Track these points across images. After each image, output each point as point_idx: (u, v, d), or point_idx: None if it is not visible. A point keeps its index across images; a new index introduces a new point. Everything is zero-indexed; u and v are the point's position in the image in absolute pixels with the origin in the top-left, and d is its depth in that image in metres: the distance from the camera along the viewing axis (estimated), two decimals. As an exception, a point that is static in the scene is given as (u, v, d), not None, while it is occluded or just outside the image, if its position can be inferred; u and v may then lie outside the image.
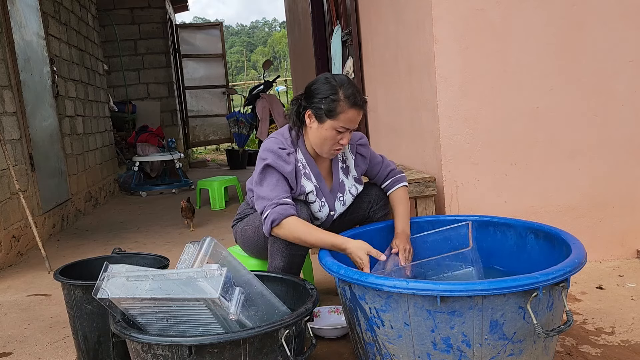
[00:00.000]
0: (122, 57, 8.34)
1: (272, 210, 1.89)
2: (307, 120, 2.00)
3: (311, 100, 1.97)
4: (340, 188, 2.13)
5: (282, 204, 1.90)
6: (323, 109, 1.93)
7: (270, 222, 1.88)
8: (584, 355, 1.79)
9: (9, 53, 3.85)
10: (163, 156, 6.62)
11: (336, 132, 1.95)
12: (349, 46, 4.51)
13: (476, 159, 2.65)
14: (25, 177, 3.91)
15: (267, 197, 1.92)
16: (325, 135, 1.96)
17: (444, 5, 2.58)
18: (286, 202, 1.91)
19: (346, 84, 1.96)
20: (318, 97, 1.95)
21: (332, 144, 1.98)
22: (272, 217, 1.88)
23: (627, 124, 2.64)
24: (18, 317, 2.57)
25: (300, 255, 2.00)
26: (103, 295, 1.47)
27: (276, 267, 1.99)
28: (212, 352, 1.36)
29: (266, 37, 48.45)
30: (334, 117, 1.93)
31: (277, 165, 1.95)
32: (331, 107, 1.92)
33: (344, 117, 1.92)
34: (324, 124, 1.95)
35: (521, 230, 1.95)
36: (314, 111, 1.96)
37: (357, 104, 1.94)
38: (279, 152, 1.97)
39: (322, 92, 1.95)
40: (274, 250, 1.99)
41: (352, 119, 1.94)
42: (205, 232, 4.11)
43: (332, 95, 1.92)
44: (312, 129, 2.00)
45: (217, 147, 12.06)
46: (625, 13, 2.59)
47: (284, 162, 1.96)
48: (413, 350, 1.47)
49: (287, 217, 1.88)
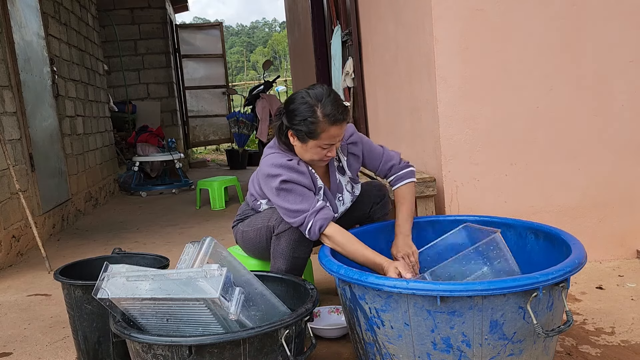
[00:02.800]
0: (122, 57, 8.34)
1: (315, 218, 1.87)
2: (290, 139, 1.96)
3: (291, 122, 1.92)
4: (339, 188, 2.12)
5: (321, 209, 1.88)
6: (303, 131, 1.89)
7: (318, 228, 1.87)
8: (584, 355, 1.79)
9: (9, 53, 3.85)
10: (163, 156, 6.62)
11: (321, 149, 1.92)
12: (349, 46, 4.52)
13: (476, 159, 2.65)
14: (25, 177, 3.91)
15: (302, 210, 1.89)
16: (311, 152, 1.94)
17: (444, 5, 2.58)
18: (323, 207, 1.90)
19: (324, 100, 1.88)
20: (297, 119, 1.90)
21: (320, 158, 1.96)
22: (319, 225, 1.86)
23: (627, 124, 2.64)
24: (18, 317, 2.57)
25: (303, 258, 2.00)
26: (103, 295, 1.47)
27: (278, 270, 1.99)
28: (212, 352, 1.36)
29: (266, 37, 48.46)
30: (315, 137, 1.89)
31: (293, 179, 1.92)
32: (311, 128, 1.87)
33: (325, 135, 1.88)
34: (307, 143, 1.91)
35: (521, 230, 1.95)
36: (295, 133, 1.92)
37: (338, 120, 1.87)
38: (289, 164, 1.93)
39: (300, 114, 1.89)
40: (277, 253, 1.99)
41: (334, 134, 1.90)
42: (205, 232, 4.11)
43: (310, 117, 1.86)
44: (297, 147, 1.97)
45: (217, 147, 12.06)
46: (625, 13, 2.59)
47: (297, 173, 1.93)
48: (413, 350, 1.47)
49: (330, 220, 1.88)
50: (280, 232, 1.97)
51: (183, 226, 4.46)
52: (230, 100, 10.15)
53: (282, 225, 1.96)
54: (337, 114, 1.87)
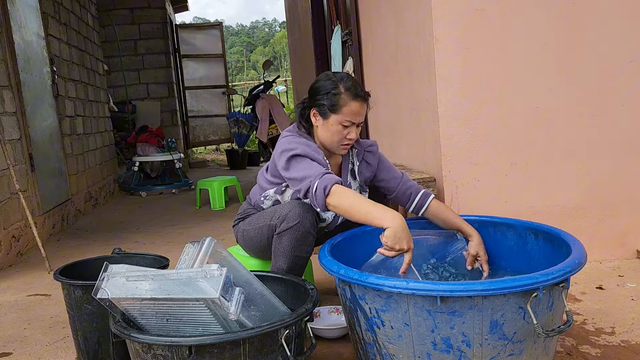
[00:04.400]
0: (122, 57, 8.34)
1: (320, 180, 1.81)
2: (312, 120, 2.02)
3: (314, 99, 2.00)
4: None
5: (327, 174, 1.84)
6: (326, 105, 1.96)
7: (323, 189, 1.80)
8: (584, 355, 1.79)
9: (9, 53, 3.85)
10: (163, 156, 6.62)
11: (342, 127, 1.96)
12: (349, 46, 4.51)
13: (476, 159, 2.65)
14: (25, 177, 3.91)
15: (308, 175, 1.85)
16: (332, 130, 1.97)
17: (444, 5, 2.58)
18: (329, 172, 1.86)
19: (346, 78, 1.98)
20: (320, 94, 1.98)
21: (340, 139, 1.98)
22: (323, 185, 1.80)
23: (627, 124, 2.64)
24: (18, 317, 2.57)
25: (305, 257, 2.00)
26: (103, 295, 1.47)
27: (279, 269, 1.99)
28: (212, 352, 1.36)
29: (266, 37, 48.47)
30: (337, 111, 1.95)
31: (307, 153, 1.91)
32: (333, 101, 1.94)
33: (347, 109, 1.94)
34: (329, 119, 1.97)
35: (521, 230, 1.95)
36: (318, 108, 1.99)
37: (359, 95, 1.95)
38: (307, 143, 1.96)
39: (323, 89, 1.98)
40: (278, 252, 1.99)
41: (356, 111, 1.95)
42: (205, 232, 4.11)
43: (333, 89, 1.95)
44: (318, 127, 2.01)
45: (217, 147, 12.06)
46: (625, 13, 2.59)
47: (313, 151, 1.93)
48: (413, 350, 1.47)
49: (335, 183, 1.81)
50: (282, 230, 1.97)
51: (183, 226, 4.46)
52: (230, 100, 10.15)
53: (285, 224, 1.96)
54: (358, 90, 1.95)
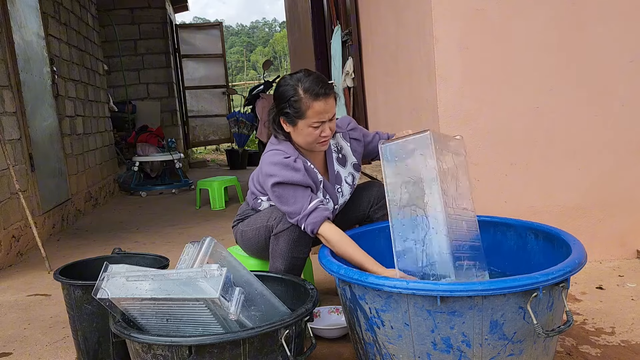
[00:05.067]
0: (122, 57, 8.34)
1: (306, 222, 1.90)
2: (284, 127, 2.00)
3: (279, 107, 1.97)
4: (337, 179, 2.14)
5: (312, 212, 1.90)
6: (291, 113, 1.93)
7: (310, 232, 1.91)
8: (584, 355, 1.79)
9: (9, 53, 3.85)
10: (163, 156, 6.62)
11: (313, 128, 1.94)
12: (349, 46, 4.52)
13: (476, 159, 2.65)
14: (25, 177, 3.91)
15: (295, 212, 1.92)
16: (304, 134, 1.96)
17: (444, 6, 2.58)
18: (314, 208, 1.90)
19: (303, 78, 1.93)
20: (282, 102, 1.95)
21: (315, 139, 1.96)
22: (310, 229, 1.90)
23: (627, 124, 2.64)
24: (18, 317, 2.57)
25: (302, 258, 2.01)
26: (103, 295, 1.47)
27: (277, 270, 1.99)
28: (212, 352, 1.36)
29: (266, 37, 48.48)
30: (302, 116, 1.92)
31: (287, 179, 1.92)
32: (296, 107, 1.91)
33: (311, 112, 1.91)
34: (298, 125, 1.95)
35: (521, 230, 1.95)
36: (285, 117, 1.96)
37: (320, 94, 1.90)
38: (285, 162, 1.94)
39: (285, 96, 1.94)
40: (276, 253, 1.99)
41: (321, 110, 1.91)
42: (205, 232, 4.10)
43: (293, 96, 1.91)
44: (291, 133, 2.00)
45: (217, 147, 12.05)
46: (625, 13, 2.59)
47: (292, 171, 1.93)
48: (413, 350, 1.47)
49: (322, 223, 1.89)
50: (278, 231, 1.98)
51: (183, 226, 4.46)
52: (230, 100, 10.15)
53: (281, 225, 1.97)
54: (317, 89, 1.90)
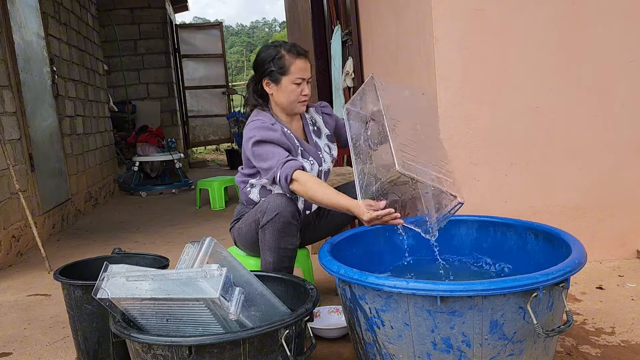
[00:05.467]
0: (122, 57, 8.34)
1: (281, 170, 1.97)
2: (266, 89, 2.14)
3: (262, 69, 2.12)
4: (317, 147, 2.24)
5: (287, 161, 1.99)
6: (275, 70, 2.09)
7: (284, 179, 1.97)
8: (584, 355, 1.79)
9: (9, 53, 3.85)
10: (163, 156, 6.62)
11: (295, 85, 2.09)
12: (349, 46, 4.51)
13: (476, 159, 2.65)
14: (25, 177, 3.91)
15: (271, 166, 2.01)
16: (287, 90, 2.10)
17: (444, 5, 2.58)
18: (291, 159, 2.01)
19: (283, 43, 2.14)
20: (266, 63, 2.11)
21: (297, 97, 2.11)
22: (284, 174, 1.96)
23: (627, 124, 2.64)
24: (18, 317, 2.57)
25: (290, 249, 2.02)
26: (103, 295, 1.47)
27: (268, 263, 2.01)
28: (212, 352, 1.36)
29: (266, 37, 48.46)
30: (286, 72, 2.08)
31: (265, 137, 2.05)
32: (280, 64, 2.08)
33: (294, 68, 2.08)
34: (282, 82, 2.10)
35: (521, 230, 1.94)
36: (269, 77, 2.11)
37: (300, 53, 2.10)
38: (263, 125, 2.07)
39: (268, 57, 2.11)
40: (264, 246, 2.01)
41: (302, 67, 2.09)
42: (205, 232, 4.10)
43: (277, 55, 2.09)
44: (274, 94, 2.14)
45: (217, 147, 12.05)
46: (625, 13, 2.59)
47: (271, 131, 2.06)
48: (413, 350, 1.47)
49: (296, 169, 1.97)
50: (264, 223, 2.00)
51: (183, 226, 4.46)
52: (230, 100, 10.15)
53: (266, 217, 2.00)
54: (299, 49, 2.12)
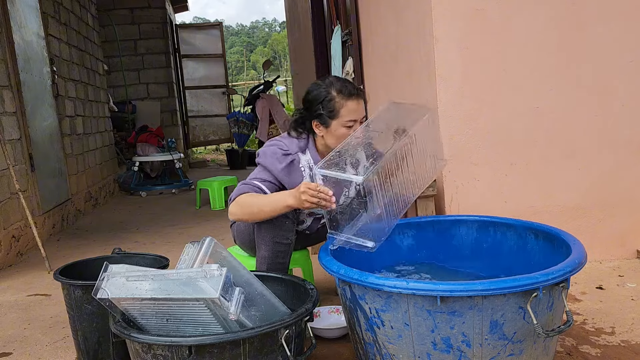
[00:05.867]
0: (122, 57, 8.33)
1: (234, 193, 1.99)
2: (316, 131, 2.06)
3: (312, 109, 2.04)
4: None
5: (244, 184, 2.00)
6: (324, 114, 2.00)
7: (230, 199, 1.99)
8: (584, 355, 1.79)
9: (9, 53, 3.85)
10: (163, 156, 6.62)
11: (346, 128, 1.99)
12: (349, 46, 4.51)
13: (476, 159, 2.65)
14: (25, 177, 3.91)
15: (241, 182, 2.04)
16: (338, 134, 2.00)
17: (444, 5, 2.58)
18: (247, 183, 2.00)
19: (335, 81, 2.03)
20: (316, 104, 2.02)
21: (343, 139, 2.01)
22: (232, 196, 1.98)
23: (627, 124, 2.64)
24: (18, 317, 2.57)
25: (284, 244, 2.01)
26: (103, 295, 1.47)
27: (263, 258, 2.01)
28: (212, 352, 1.36)
29: (266, 37, 48.50)
30: (336, 116, 1.99)
31: (267, 165, 2.04)
32: (330, 107, 1.99)
33: (345, 111, 1.98)
34: (331, 126, 2.00)
35: (521, 230, 1.95)
36: (319, 119, 2.02)
37: (352, 94, 1.99)
38: (278, 152, 2.04)
39: (317, 99, 2.02)
40: (259, 240, 2.02)
41: (354, 109, 1.99)
42: (205, 232, 4.10)
43: (327, 97, 1.99)
44: (324, 136, 2.05)
45: (217, 147, 12.05)
46: (625, 13, 2.59)
47: (277, 162, 2.03)
48: (413, 350, 1.47)
49: (242, 192, 1.96)
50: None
51: (183, 226, 4.46)
52: (230, 100, 10.15)
53: None
54: (350, 89, 2.00)
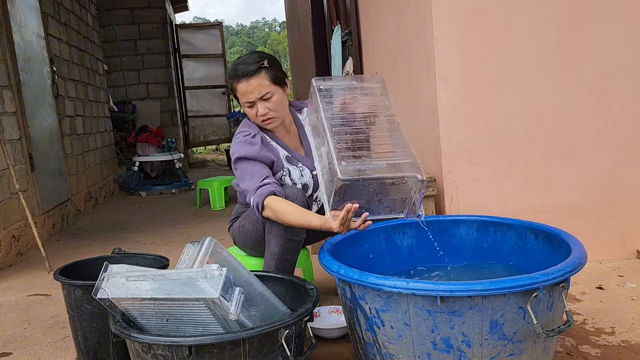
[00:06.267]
0: (122, 57, 8.34)
1: (253, 196, 1.96)
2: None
3: None
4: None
5: (260, 187, 1.96)
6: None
7: (256, 207, 1.95)
8: (584, 355, 1.79)
9: (9, 53, 3.85)
10: (163, 156, 6.62)
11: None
12: (349, 46, 4.51)
13: (476, 159, 2.65)
14: (25, 177, 3.91)
15: (247, 189, 2.01)
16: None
17: (444, 6, 2.58)
18: (264, 184, 1.97)
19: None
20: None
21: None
22: (255, 202, 1.94)
23: (627, 124, 2.64)
24: (18, 317, 2.57)
25: (296, 241, 2.01)
26: (103, 295, 1.47)
27: (272, 254, 2.00)
28: (212, 352, 1.36)
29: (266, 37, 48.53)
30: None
31: (244, 153, 2.04)
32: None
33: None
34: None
35: (521, 230, 1.94)
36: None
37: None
38: (243, 139, 2.07)
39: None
40: (271, 235, 2.00)
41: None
42: (205, 232, 4.10)
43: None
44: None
45: (217, 147, 12.05)
46: (625, 13, 2.59)
47: (249, 145, 2.05)
48: (413, 350, 1.47)
49: (266, 196, 1.93)
50: None
51: (183, 226, 4.46)
52: (230, 100, 10.15)
53: None
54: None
